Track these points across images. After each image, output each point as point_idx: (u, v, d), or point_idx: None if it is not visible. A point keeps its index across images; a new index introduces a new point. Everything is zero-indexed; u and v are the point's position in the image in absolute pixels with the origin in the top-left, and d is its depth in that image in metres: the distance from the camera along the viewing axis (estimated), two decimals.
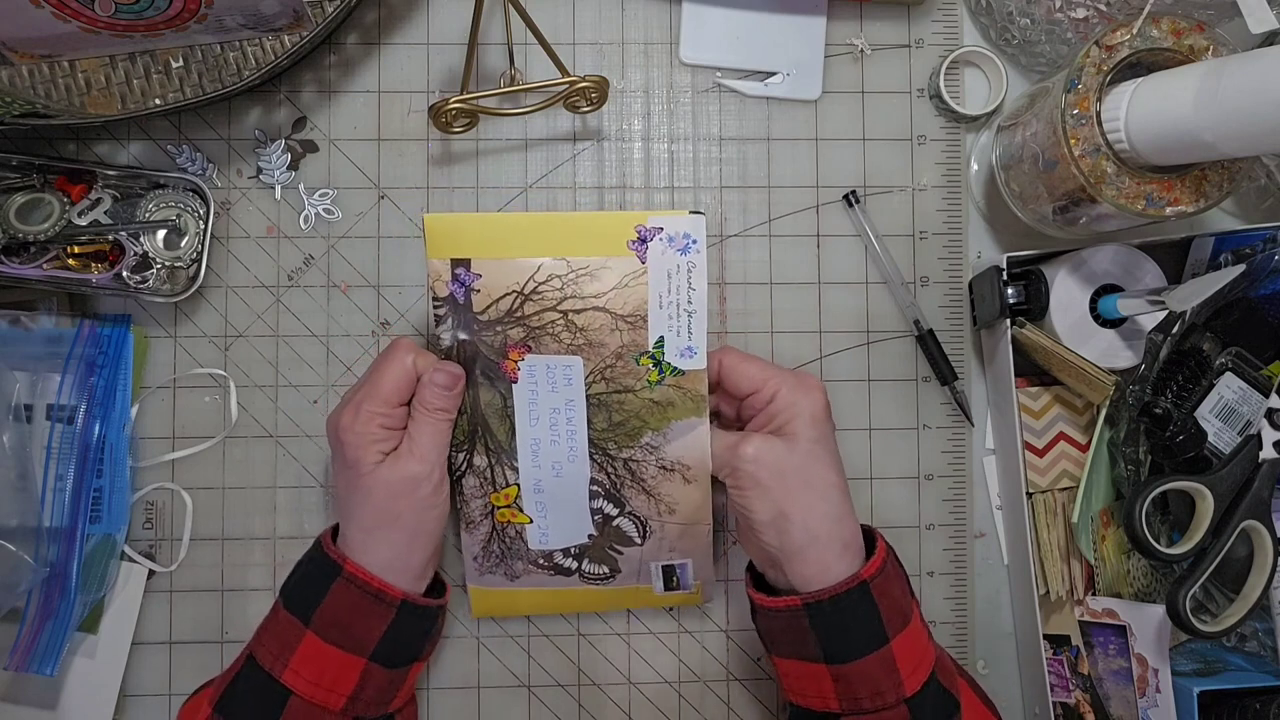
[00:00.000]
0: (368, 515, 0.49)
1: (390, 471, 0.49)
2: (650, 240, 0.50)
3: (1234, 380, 0.56)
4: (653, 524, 0.54)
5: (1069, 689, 0.60)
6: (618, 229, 0.50)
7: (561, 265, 0.51)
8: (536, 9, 0.59)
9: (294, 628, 0.48)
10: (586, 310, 0.51)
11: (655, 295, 0.51)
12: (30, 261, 0.58)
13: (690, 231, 0.50)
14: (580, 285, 0.51)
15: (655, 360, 0.51)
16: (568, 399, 0.52)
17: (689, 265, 0.50)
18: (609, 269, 0.51)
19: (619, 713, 0.61)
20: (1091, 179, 0.50)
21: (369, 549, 0.49)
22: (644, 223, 0.50)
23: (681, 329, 0.51)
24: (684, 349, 0.51)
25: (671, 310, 0.51)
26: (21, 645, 0.56)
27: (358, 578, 0.48)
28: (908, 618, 0.48)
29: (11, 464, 0.56)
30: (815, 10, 0.63)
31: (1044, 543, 0.60)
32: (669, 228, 0.50)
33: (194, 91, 0.59)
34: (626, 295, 0.51)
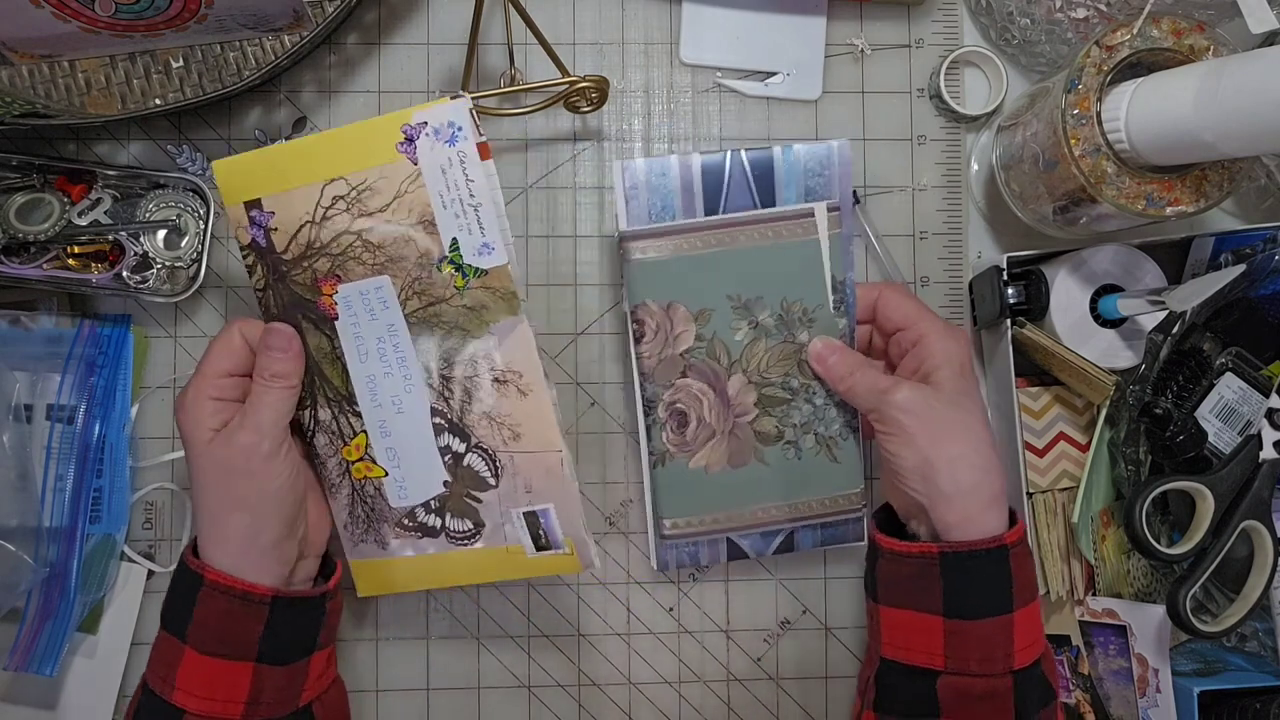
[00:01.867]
0: (210, 499, 0.48)
1: (220, 446, 0.47)
2: (417, 138, 0.47)
3: (1234, 380, 0.56)
4: (501, 457, 0.51)
5: (1069, 689, 0.60)
6: (384, 134, 0.48)
7: (342, 185, 0.49)
8: (536, 9, 0.59)
9: (172, 646, 0.47)
10: (377, 226, 0.49)
11: (436, 196, 0.48)
12: (30, 261, 0.58)
13: (454, 119, 0.47)
14: (365, 201, 0.49)
15: (455, 264, 0.49)
16: (389, 324, 0.50)
17: (459, 156, 0.47)
18: (386, 178, 0.48)
19: (619, 713, 0.61)
20: (1092, 179, 0.50)
21: (219, 539, 0.48)
22: (409, 120, 0.47)
23: (471, 226, 0.48)
24: (479, 246, 0.48)
25: (456, 209, 0.48)
26: (21, 645, 0.56)
27: (220, 584, 0.47)
28: (1033, 596, 0.48)
29: (11, 464, 0.56)
30: (815, 10, 0.63)
31: (1044, 543, 0.60)
32: (432, 120, 0.47)
33: (194, 91, 0.59)
34: (409, 202, 0.48)
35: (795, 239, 0.54)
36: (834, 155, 0.55)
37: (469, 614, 0.61)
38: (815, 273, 0.54)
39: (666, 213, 0.55)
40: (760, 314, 0.55)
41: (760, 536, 0.59)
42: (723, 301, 0.54)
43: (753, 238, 0.54)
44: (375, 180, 0.48)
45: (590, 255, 0.62)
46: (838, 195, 0.55)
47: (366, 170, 0.48)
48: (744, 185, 0.55)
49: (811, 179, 0.55)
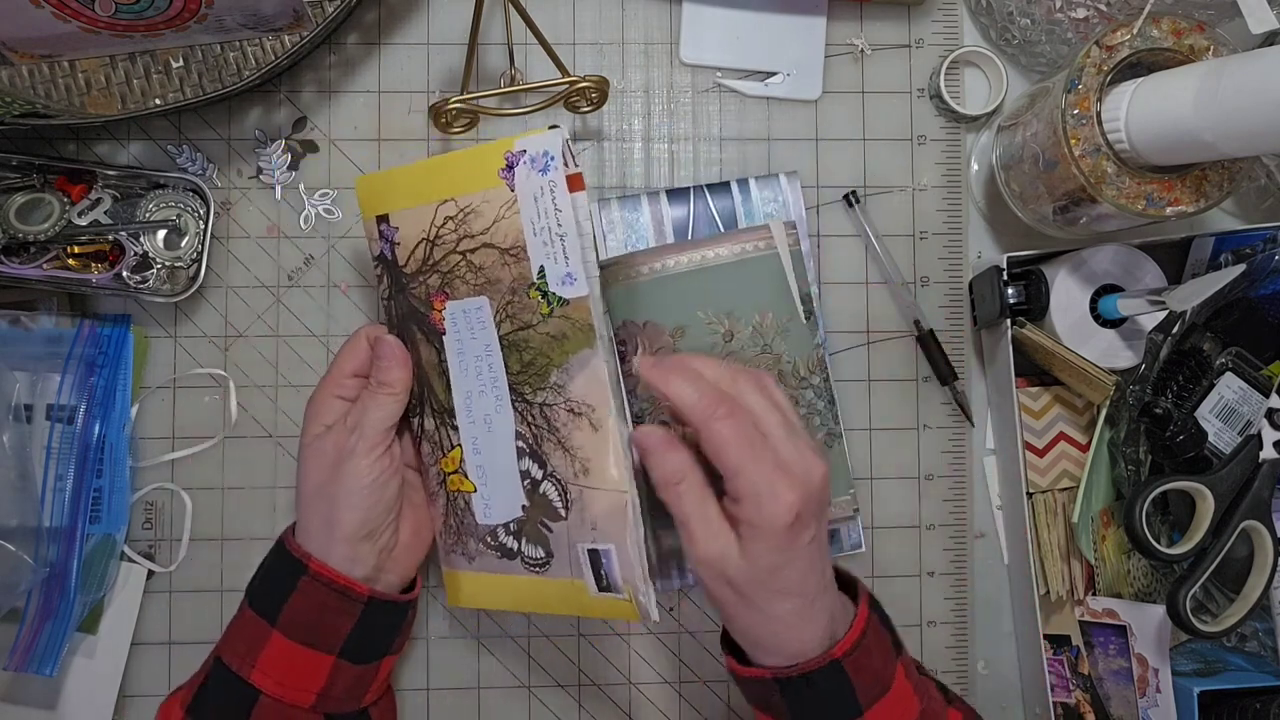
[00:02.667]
0: (302, 486, 0.50)
1: (321, 439, 0.50)
2: (516, 165, 0.48)
3: (1234, 380, 0.56)
4: (572, 489, 0.51)
5: (1069, 689, 0.60)
6: (489, 160, 0.49)
7: (452, 206, 0.50)
8: (536, 9, 0.59)
9: (260, 627, 0.48)
10: (479, 249, 0.50)
11: (528, 222, 0.49)
12: (30, 261, 0.58)
13: (549, 149, 0.48)
14: (469, 224, 0.50)
15: (542, 291, 0.49)
16: (485, 343, 0.51)
17: (550, 185, 0.48)
18: (488, 202, 0.50)
19: (619, 713, 0.61)
20: (1092, 179, 0.50)
21: (304, 526, 0.50)
22: (511, 148, 0.49)
23: (557, 254, 0.48)
24: (564, 276, 0.48)
25: (545, 236, 0.49)
26: (21, 645, 0.56)
27: (322, 575, 0.48)
28: (888, 685, 0.46)
29: (11, 464, 0.56)
30: (815, 10, 0.63)
31: (1044, 543, 0.60)
32: (531, 149, 0.48)
33: (194, 91, 0.59)
34: (505, 227, 0.49)
35: (758, 254, 0.56)
36: (783, 182, 0.61)
37: (469, 614, 0.61)
38: (780, 286, 0.56)
39: (640, 245, 0.60)
40: (734, 328, 0.56)
41: None
42: (696, 318, 0.56)
43: (719, 255, 0.56)
44: (480, 204, 0.50)
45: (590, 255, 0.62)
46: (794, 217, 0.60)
47: (473, 194, 0.50)
48: (709, 218, 0.60)
49: (768, 205, 0.61)
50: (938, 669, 0.62)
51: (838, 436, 0.58)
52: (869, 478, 0.62)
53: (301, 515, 0.51)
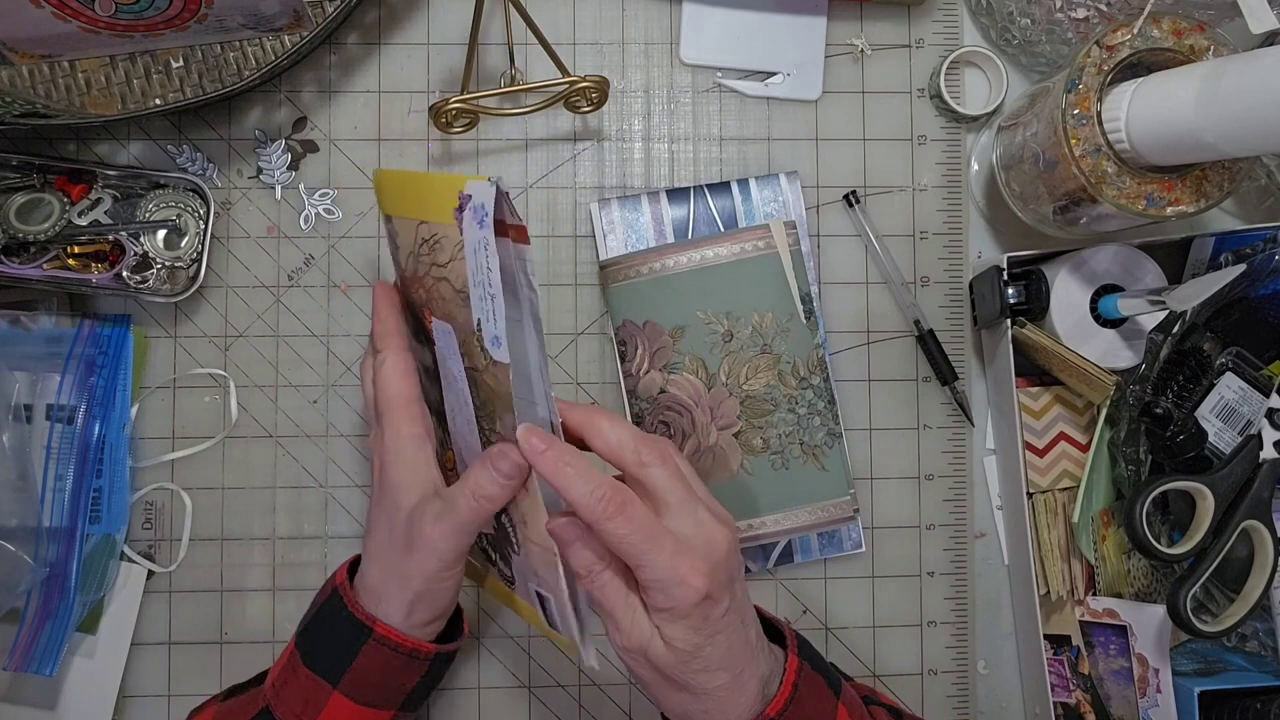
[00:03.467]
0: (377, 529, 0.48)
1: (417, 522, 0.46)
2: (465, 209, 0.43)
3: (1234, 380, 0.56)
4: (518, 533, 0.49)
5: (1069, 689, 0.60)
6: (447, 194, 0.44)
7: (426, 229, 0.46)
8: (536, 9, 0.59)
9: (319, 688, 0.46)
10: (441, 281, 0.46)
11: (470, 271, 0.44)
12: (30, 261, 0.58)
13: (484, 201, 0.42)
14: (435, 253, 0.46)
15: (480, 343, 0.45)
16: (457, 368, 0.48)
17: (484, 241, 0.42)
18: (446, 238, 0.45)
19: (619, 713, 0.61)
20: (1092, 179, 0.50)
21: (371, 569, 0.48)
22: (462, 188, 0.43)
23: (489, 313, 0.43)
24: (493, 337, 0.44)
25: (480, 290, 0.44)
26: (21, 645, 0.56)
27: (390, 640, 0.46)
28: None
29: (11, 464, 0.56)
30: (815, 10, 0.63)
31: (1044, 543, 0.60)
32: (475, 197, 0.42)
33: (194, 91, 0.59)
34: (458, 269, 0.45)
35: (757, 254, 0.56)
36: (782, 182, 0.61)
37: (469, 614, 0.61)
38: (780, 286, 0.56)
39: (641, 245, 0.60)
40: (734, 328, 0.56)
41: (760, 549, 0.60)
42: (695, 318, 0.56)
43: (719, 255, 0.56)
44: (441, 236, 0.46)
45: (590, 255, 0.62)
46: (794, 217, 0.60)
47: (437, 224, 0.46)
48: (709, 218, 0.60)
49: (768, 205, 0.60)
50: (938, 669, 0.62)
51: (838, 436, 0.58)
52: (869, 478, 0.62)
53: (370, 562, 0.48)
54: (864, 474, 0.62)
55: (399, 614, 0.46)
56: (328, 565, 0.60)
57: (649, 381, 0.57)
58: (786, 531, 0.57)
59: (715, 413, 0.57)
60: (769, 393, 0.56)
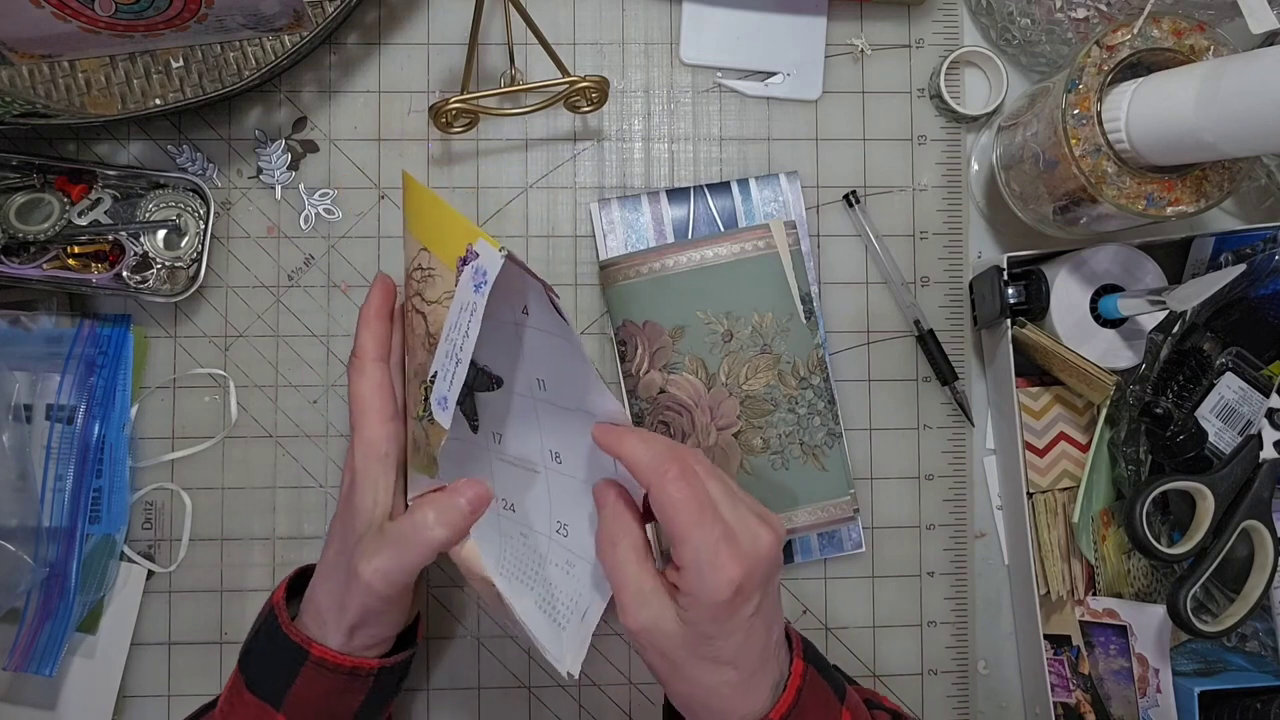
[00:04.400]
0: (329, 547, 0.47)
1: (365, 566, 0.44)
2: (468, 263, 0.42)
3: (1234, 380, 0.56)
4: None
5: (1070, 689, 0.60)
6: (458, 238, 0.43)
7: (427, 257, 0.45)
8: (536, 9, 0.59)
9: (264, 712, 0.46)
10: (419, 313, 0.45)
11: (448, 325, 0.43)
12: (30, 261, 0.58)
13: (488, 269, 0.41)
14: (426, 285, 0.45)
15: (426, 395, 0.44)
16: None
17: (473, 306, 0.41)
18: (441, 278, 0.44)
19: (619, 713, 0.61)
20: (1092, 179, 0.50)
21: (315, 589, 0.47)
22: (472, 242, 0.42)
23: (448, 373, 0.42)
24: (442, 397, 0.42)
25: (449, 348, 0.42)
26: (20, 645, 0.56)
27: (327, 661, 0.45)
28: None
29: (11, 464, 0.56)
30: (815, 10, 0.63)
31: (1044, 543, 0.60)
32: (482, 257, 0.41)
33: (194, 91, 0.59)
34: (438, 314, 0.44)
35: (757, 254, 0.57)
36: (782, 182, 0.61)
37: (469, 614, 0.61)
38: (780, 286, 0.57)
39: (641, 245, 0.60)
40: (734, 327, 0.56)
41: None
42: (695, 318, 0.56)
43: (719, 255, 0.56)
44: (438, 274, 0.45)
45: (590, 255, 0.62)
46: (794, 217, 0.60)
47: (439, 261, 0.45)
48: (709, 218, 0.60)
49: (768, 205, 0.60)
50: (938, 669, 0.62)
51: (838, 436, 0.58)
52: (869, 478, 0.62)
53: (319, 580, 0.47)
54: (864, 474, 0.62)
55: (339, 637, 0.45)
56: None
57: (649, 381, 0.57)
58: (787, 532, 0.57)
59: (715, 413, 0.57)
60: (769, 393, 0.56)
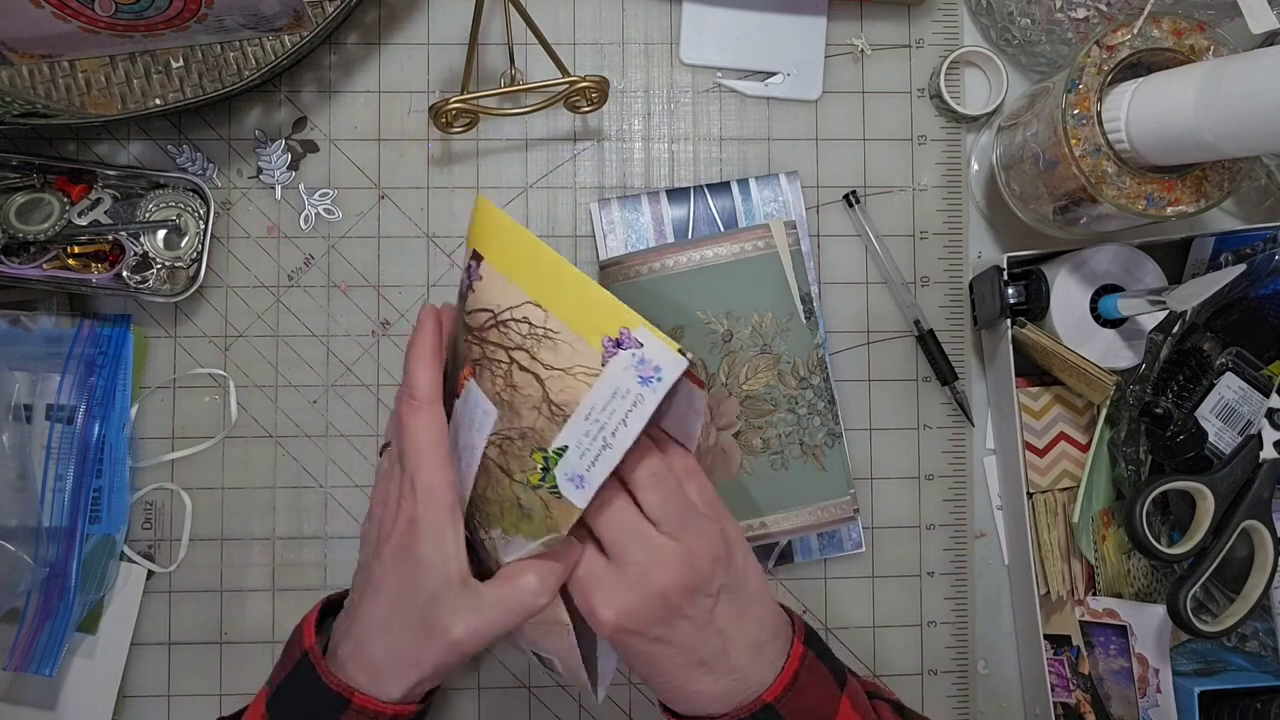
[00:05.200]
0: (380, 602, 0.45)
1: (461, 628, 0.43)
2: (622, 348, 0.42)
3: (1234, 380, 0.56)
4: None
5: (1070, 689, 0.60)
6: (604, 317, 0.42)
7: (539, 314, 0.44)
8: (537, 9, 0.59)
9: None
10: (528, 373, 0.44)
11: (589, 404, 0.42)
12: (30, 261, 0.58)
13: (664, 368, 0.41)
14: (539, 347, 0.43)
15: (545, 465, 0.43)
16: (472, 443, 0.45)
17: (636, 398, 0.41)
18: (571, 348, 0.43)
19: (619, 713, 0.61)
20: (1092, 179, 0.50)
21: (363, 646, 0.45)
22: (630, 328, 0.42)
23: (588, 454, 0.42)
24: (577, 475, 0.42)
25: (593, 429, 0.42)
26: (20, 645, 0.56)
27: (369, 709, 0.43)
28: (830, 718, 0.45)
29: (11, 464, 0.56)
30: (815, 10, 0.63)
31: (1044, 543, 0.60)
32: (648, 348, 0.41)
33: (194, 91, 0.59)
34: (568, 385, 0.42)
35: (757, 253, 0.56)
36: (782, 182, 0.61)
37: None
38: (780, 286, 0.56)
39: (640, 245, 0.60)
40: (733, 327, 0.56)
41: (760, 549, 0.60)
42: (695, 318, 0.56)
43: (719, 255, 0.56)
44: (564, 341, 0.43)
45: (590, 255, 0.62)
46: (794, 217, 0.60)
47: (566, 326, 0.43)
48: (709, 218, 0.60)
49: (768, 205, 0.60)
50: (938, 669, 0.62)
51: (838, 436, 0.58)
52: (869, 478, 0.62)
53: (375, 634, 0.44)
54: (864, 474, 0.62)
55: (399, 691, 0.44)
56: (328, 565, 0.60)
57: None
58: (786, 532, 0.57)
59: (715, 413, 0.57)
60: (769, 393, 0.56)
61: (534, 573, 0.43)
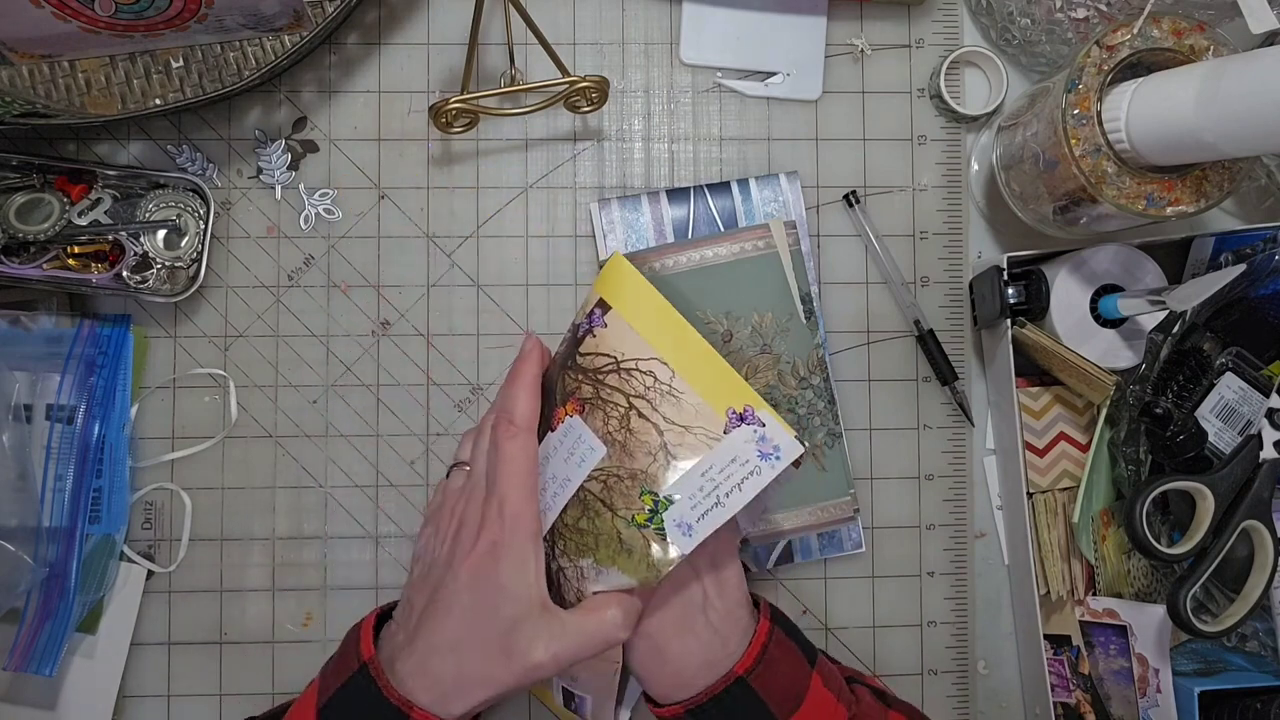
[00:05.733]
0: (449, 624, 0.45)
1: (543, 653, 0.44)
2: (745, 423, 0.47)
3: (1234, 380, 0.56)
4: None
5: (1069, 689, 0.60)
6: (730, 391, 0.47)
7: (665, 372, 0.48)
8: (536, 9, 0.59)
9: None
10: (648, 421, 0.48)
11: (708, 463, 0.46)
12: (30, 261, 0.58)
13: (783, 449, 0.46)
14: (660, 399, 0.48)
15: (654, 509, 0.46)
16: (568, 476, 0.48)
17: (754, 470, 0.46)
18: (694, 409, 0.47)
19: None
20: (1092, 179, 0.50)
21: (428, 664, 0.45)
22: (754, 407, 0.47)
23: (699, 506, 0.46)
24: (686, 524, 0.46)
25: (708, 485, 0.46)
26: (20, 646, 0.56)
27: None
28: (801, 695, 0.46)
29: (11, 464, 0.56)
30: (815, 10, 0.63)
31: (1044, 543, 0.60)
32: (769, 429, 0.47)
33: (194, 91, 0.59)
34: (686, 440, 0.47)
35: (757, 253, 0.57)
36: (782, 182, 0.61)
37: None
38: (780, 285, 0.56)
39: (640, 245, 0.60)
40: (733, 327, 0.56)
41: (760, 549, 0.60)
42: (695, 318, 0.56)
43: (719, 254, 0.56)
44: (686, 401, 0.47)
45: (590, 255, 0.62)
46: (794, 217, 0.60)
47: (691, 390, 0.48)
48: (709, 218, 0.60)
49: (768, 205, 0.60)
50: (938, 669, 0.62)
51: (838, 436, 0.58)
52: (869, 478, 0.62)
53: (446, 652, 0.44)
54: (864, 474, 0.62)
55: (463, 709, 0.44)
56: (327, 565, 0.60)
57: None
58: (786, 532, 0.57)
59: None
60: (769, 393, 0.56)
61: (619, 607, 0.45)
